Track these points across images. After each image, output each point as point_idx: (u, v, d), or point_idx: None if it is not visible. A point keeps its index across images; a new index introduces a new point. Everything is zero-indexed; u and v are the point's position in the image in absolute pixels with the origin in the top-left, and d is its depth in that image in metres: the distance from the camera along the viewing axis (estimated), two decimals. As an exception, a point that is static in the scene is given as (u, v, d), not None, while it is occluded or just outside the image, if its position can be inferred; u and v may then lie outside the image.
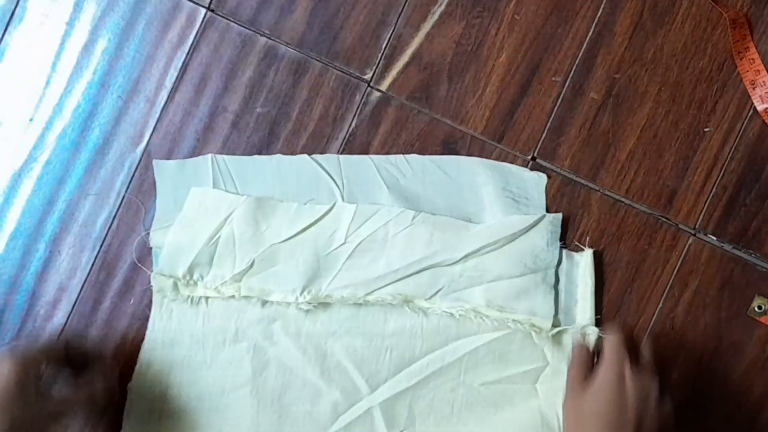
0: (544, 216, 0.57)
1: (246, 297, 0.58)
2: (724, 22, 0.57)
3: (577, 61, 0.58)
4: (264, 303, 0.58)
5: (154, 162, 0.59)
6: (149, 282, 0.58)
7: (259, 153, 0.59)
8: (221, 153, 0.59)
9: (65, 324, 0.59)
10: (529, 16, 0.58)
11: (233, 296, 0.58)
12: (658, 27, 0.58)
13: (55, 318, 0.59)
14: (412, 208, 0.58)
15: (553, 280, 0.57)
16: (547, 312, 0.56)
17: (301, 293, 0.57)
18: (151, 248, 0.59)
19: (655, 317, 0.58)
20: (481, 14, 0.58)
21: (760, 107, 0.57)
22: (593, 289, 0.57)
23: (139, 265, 0.59)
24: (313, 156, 0.59)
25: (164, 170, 0.59)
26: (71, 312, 0.59)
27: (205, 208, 0.58)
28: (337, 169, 0.58)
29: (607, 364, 0.51)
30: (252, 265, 0.58)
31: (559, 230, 0.57)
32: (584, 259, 0.57)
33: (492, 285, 0.57)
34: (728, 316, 0.57)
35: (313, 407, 0.57)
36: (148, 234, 0.59)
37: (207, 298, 0.58)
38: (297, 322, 0.58)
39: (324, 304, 0.57)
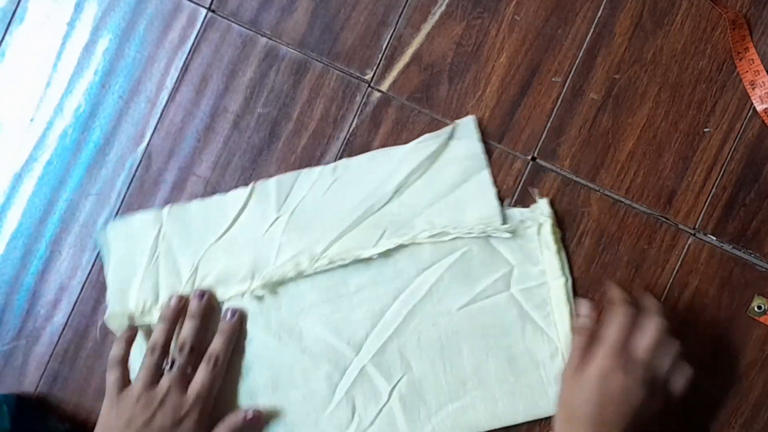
0: (454, 124, 0.57)
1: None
2: (723, 22, 0.57)
3: (577, 62, 0.58)
4: (224, 304, 0.57)
5: (100, 233, 0.59)
6: None
7: (260, 153, 0.59)
8: (222, 153, 0.59)
9: (66, 324, 0.59)
10: (529, 16, 0.58)
11: None
12: (658, 28, 0.58)
13: (55, 318, 0.59)
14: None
15: (488, 180, 0.57)
16: (494, 211, 0.56)
17: (252, 280, 0.57)
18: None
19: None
20: (481, 15, 0.58)
21: (759, 108, 0.57)
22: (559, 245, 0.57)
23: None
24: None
25: (113, 234, 0.59)
26: (72, 312, 0.59)
27: (132, 236, 0.58)
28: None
29: (603, 348, 0.49)
30: (196, 269, 0.57)
31: (475, 132, 0.57)
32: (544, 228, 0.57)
33: (432, 209, 0.57)
34: (728, 316, 0.57)
35: (307, 388, 0.56)
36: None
37: None
38: (263, 315, 0.57)
39: (282, 286, 0.57)
